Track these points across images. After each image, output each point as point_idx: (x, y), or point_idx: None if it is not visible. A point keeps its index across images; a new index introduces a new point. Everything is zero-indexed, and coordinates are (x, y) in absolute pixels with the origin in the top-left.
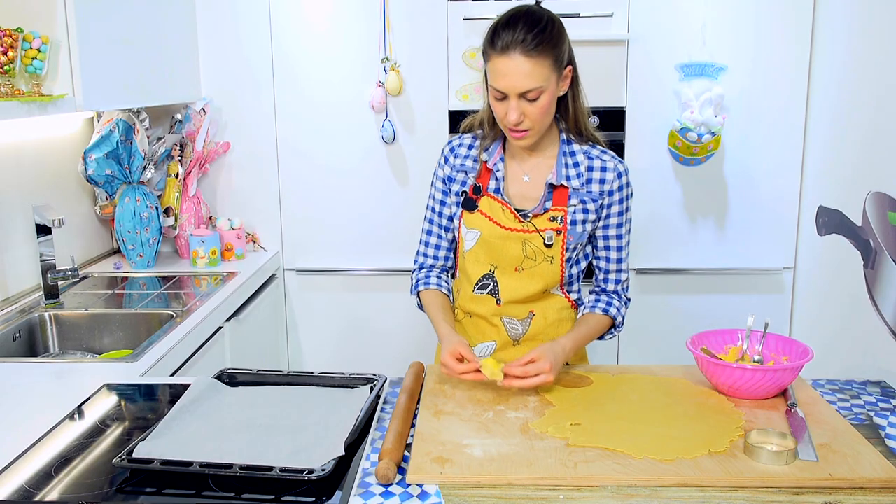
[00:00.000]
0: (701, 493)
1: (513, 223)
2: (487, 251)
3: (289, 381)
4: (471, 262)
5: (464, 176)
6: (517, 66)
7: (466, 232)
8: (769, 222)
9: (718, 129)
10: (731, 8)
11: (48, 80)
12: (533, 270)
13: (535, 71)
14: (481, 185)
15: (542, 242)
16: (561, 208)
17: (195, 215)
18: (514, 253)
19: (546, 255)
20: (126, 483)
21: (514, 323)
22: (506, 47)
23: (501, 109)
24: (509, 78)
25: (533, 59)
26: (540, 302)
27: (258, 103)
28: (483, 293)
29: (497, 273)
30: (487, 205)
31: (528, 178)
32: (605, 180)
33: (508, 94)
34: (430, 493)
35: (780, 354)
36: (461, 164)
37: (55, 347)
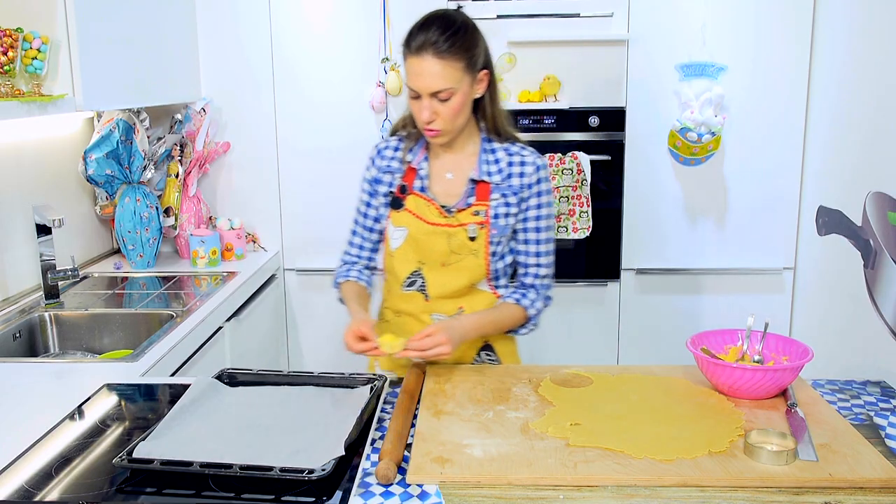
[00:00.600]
0: (701, 493)
1: (438, 218)
2: (415, 248)
3: (289, 381)
4: (399, 260)
5: (390, 177)
6: (429, 67)
7: (394, 230)
8: (769, 222)
9: (718, 129)
10: (731, 8)
11: (48, 80)
12: (459, 265)
13: (445, 72)
14: (407, 185)
15: (466, 236)
16: (484, 203)
17: (195, 215)
18: (439, 248)
19: (471, 249)
20: (126, 483)
21: (444, 319)
22: (419, 48)
23: (416, 108)
24: (422, 78)
25: (444, 60)
26: (468, 297)
27: (258, 103)
28: (411, 290)
29: (424, 269)
30: (414, 203)
31: (452, 175)
32: (524, 174)
33: (421, 94)
34: (430, 493)
35: (780, 354)
36: (387, 166)
37: (55, 347)
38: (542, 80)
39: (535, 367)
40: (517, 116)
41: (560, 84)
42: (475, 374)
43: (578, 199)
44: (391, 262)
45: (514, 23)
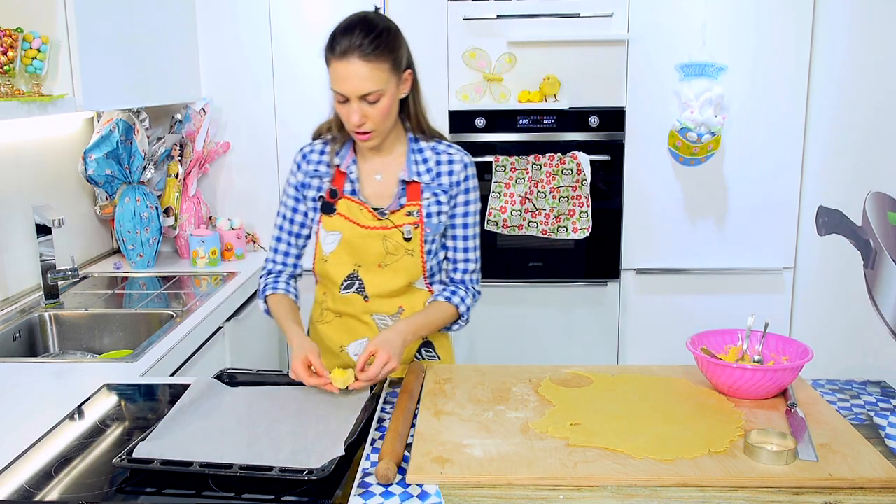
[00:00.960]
0: (701, 493)
1: (371, 221)
2: (350, 251)
3: (289, 382)
4: (333, 265)
5: (318, 181)
6: (356, 70)
7: (326, 235)
8: (769, 222)
9: (718, 129)
10: (731, 8)
11: (48, 80)
12: (395, 265)
13: (373, 74)
14: (337, 189)
15: (401, 237)
16: (416, 203)
17: (195, 215)
18: (375, 250)
19: (406, 249)
20: (126, 483)
21: (385, 319)
22: (344, 52)
23: (344, 112)
24: (349, 81)
25: (371, 63)
26: (406, 296)
27: (258, 103)
28: (350, 292)
29: (361, 272)
30: (345, 206)
31: (381, 177)
32: (452, 172)
33: (349, 98)
34: (430, 493)
35: (780, 354)
36: (314, 171)
37: (55, 347)
38: (542, 80)
39: (535, 367)
40: (517, 116)
41: (560, 84)
42: (475, 374)
43: (578, 199)
44: (325, 267)
45: (514, 23)
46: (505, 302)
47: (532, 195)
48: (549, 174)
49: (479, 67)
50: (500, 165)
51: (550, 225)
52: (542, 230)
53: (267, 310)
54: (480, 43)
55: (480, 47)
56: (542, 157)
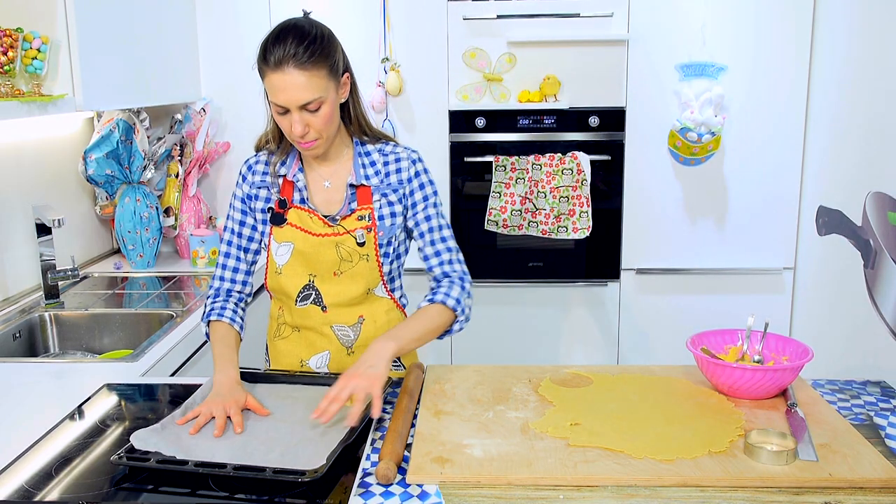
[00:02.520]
0: (701, 493)
1: (323, 229)
2: (303, 261)
3: (288, 382)
4: (287, 277)
5: (266, 192)
6: (293, 80)
7: (278, 247)
8: (769, 222)
9: (718, 129)
10: (731, 8)
11: (48, 80)
12: (351, 272)
13: (311, 83)
14: (286, 199)
15: (354, 243)
16: (367, 206)
17: (195, 215)
18: (329, 258)
19: (361, 255)
20: (124, 481)
21: (346, 330)
22: (279, 62)
23: (286, 123)
24: (288, 92)
25: (308, 71)
26: (366, 305)
27: (258, 103)
28: (307, 304)
29: (317, 281)
30: (296, 216)
31: (329, 183)
32: (400, 170)
33: (290, 108)
34: (430, 493)
35: (780, 354)
36: (261, 181)
37: (55, 347)
38: (542, 80)
39: (535, 367)
40: (517, 116)
41: (560, 84)
42: (475, 374)
43: (578, 199)
44: (279, 280)
45: (514, 23)
46: (505, 302)
47: (532, 195)
48: (549, 174)
49: (479, 67)
50: (500, 165)
51: (550, 225)
52: (542, 230)
53: (207, 333)
54: (480, 43)
55: (480, 47)
56: (542, 157)
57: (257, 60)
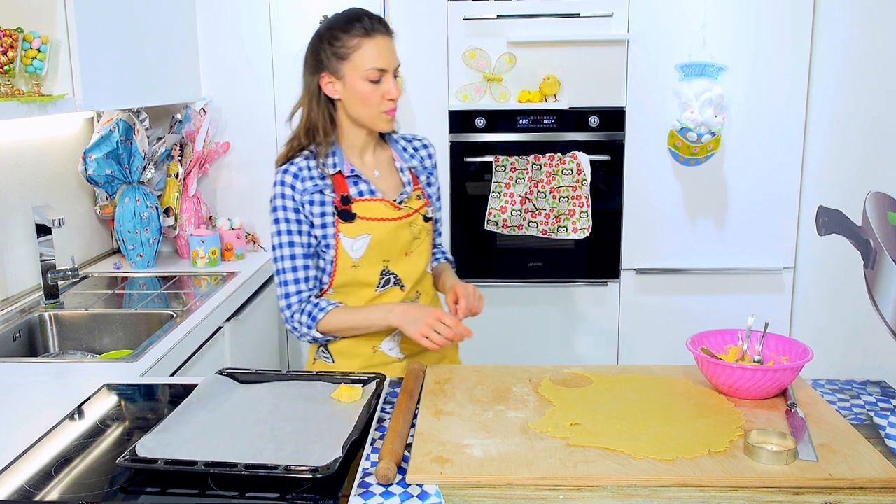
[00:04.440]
0: (701, 493)
1: (396, 213)
2: (380, 250)
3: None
4: (364, 268)
5: (321, 196)
6: (389, 44)
7: (352, 242)
8: (769, 222)
9: (718, 129)
10: (731, 8)
11: (48, 80)
12: (418, 250)
13: (395, 49)
14: (347, 195)
15: (422, 220)
16: (418, 186)
17: (195, 215)
18: (404, 239)
19: (428, 230)
20: (129, 482)
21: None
22: (373, 29)
23: (379, 92)
24: (389, 52)
25: (392, 39)
26: (422, 282)
27: (258, 103)
28: (387, 288)
29: (391, 265)
30: (363, 208)
31: (379, 172)
32: (431, 155)
33: (388, 69)
34: (430, 493)
35: (780, 354)
36: (314, 186)
37: (55, 347)
38: (542, 80)
39: (535, 367)
40: (517, 116)
41: (560, 84)
42: (475, 374)
43: (578, 199)
44: (355, 274)
45: (514, 23)
46: (505, 302)
47: (532, 195)
48: (549, 174)
49: (479, 67)
50: (500, 165)
51: (550, 225)
52: (542, 230)
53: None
54: (480, 43)
55: (480, 47)
56: (542, 157)
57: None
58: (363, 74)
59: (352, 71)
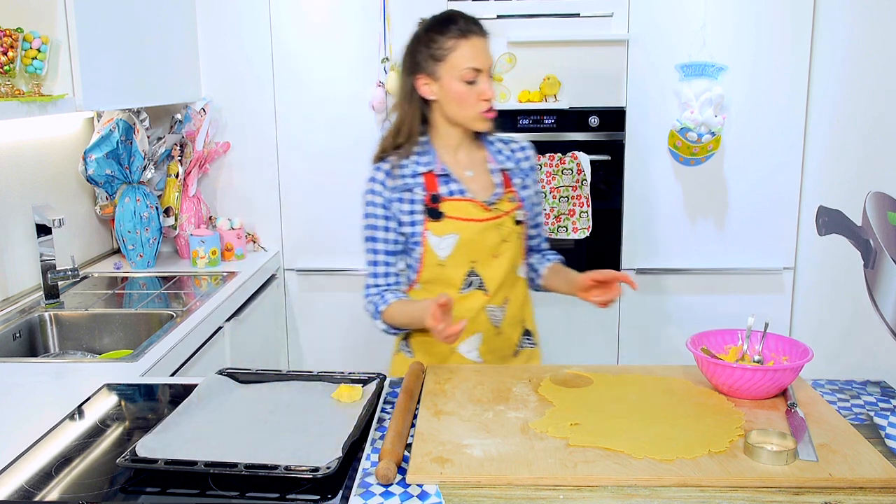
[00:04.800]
0: (701, 493)
1: (484, 214)
2: (467, 250)
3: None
4: (451, 267)
5: (410, 194)
6: (483, 44)
7: (440, 240)
8: (769, 222)
9: (718, 129)
10: (731, 8)
11: (48, 80)
12: (507, 254)
13: (490, 49)
14: (437, 194)
15: (512, 222)
16: (511, 189)
17: (195, 215)
18: (492, 241)
19: (518, 233)
20: (129, 482)
21: (495, 310)
22: (468, 30)
23: (474, 93)
24: (484, 53)
25: (487, 38)
26: (511, 285)
27: (258, 103)
28: (470, 290)
29: (477, 267)
30: (452, 207)
31: (472, 172)
32: (528, 157)
33: (483, 70)
34: (430, 493)
35: (780, 354)
36: (404, 184)
37: (55, 347)
38: (542, 80)
39: (535, 367)
40: (517, 116)
41: (560, 84)
42: (475, 374)
43: (578, 199)
44: (442, 272)
45: (514, 23)
46: None
47: None
48: (549, 174)
49: None
50: None
51: (550, 225)
52: None
53: (387, 327)
54: None
55: None
56: (542, 157)
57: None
58: (459, 75)
59: (448, 72)
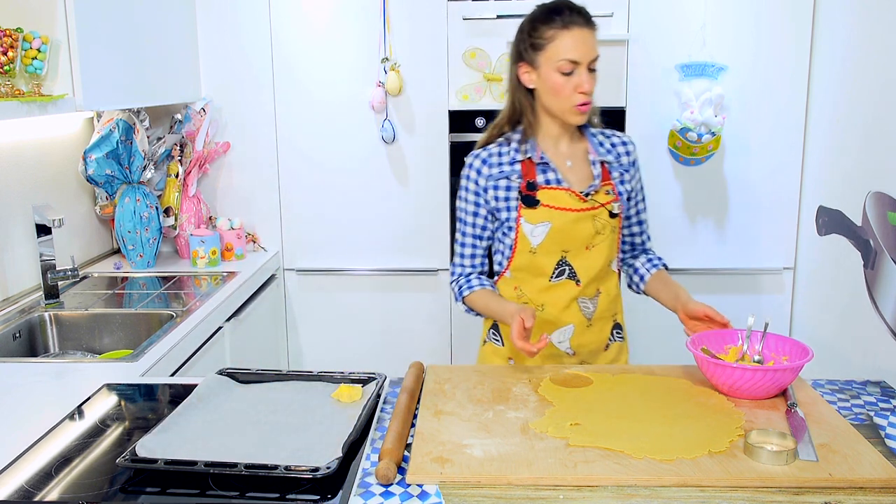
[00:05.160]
0: (701, 493)
1: (580, 204)
2: (558, 239)
3: (280, 379)
4: (542, 255)
5: (507, 181)
6: (585, 36)
7: (533, 228)
8: (769, 222)
9: (718, 129)
10: (731, 8)
11: (48, 80)
12: (601, 246)
13: (594, 41)
14: (533, 181)
15: (608, 215)
16: (609, 182)
17: (195, 215)
18: (585, 232)
19: (612, 227)
20: (129, 482)
21: (587, 303)
22: (571, 21)
23: (570, 85)
24: (583, 47)
25: (592, 31)
26: (603, 278)
27: (258, 103)
28: (561, 279)
29: (569, 257)
30: (548, 196)
31: (571, 163)
32: (629, 153)
33: (581, 63)
34: (430, 493)
35: (781, 354)
36: (500, 172)
37: (55, 347)
38: None
39: (535, 367)
40: None
41: None
42: (475, 374)
43: None
44: (533, 259)
45: (514, 23)
46: None
47: None
48: None
49: (479, 67)
50: None
51: None
52: None
53: (468, 309)
54: (480, 43)
55: (480, 47)
56: None
57: (538, 30)
58: (556, 66)
59: (546, 62)
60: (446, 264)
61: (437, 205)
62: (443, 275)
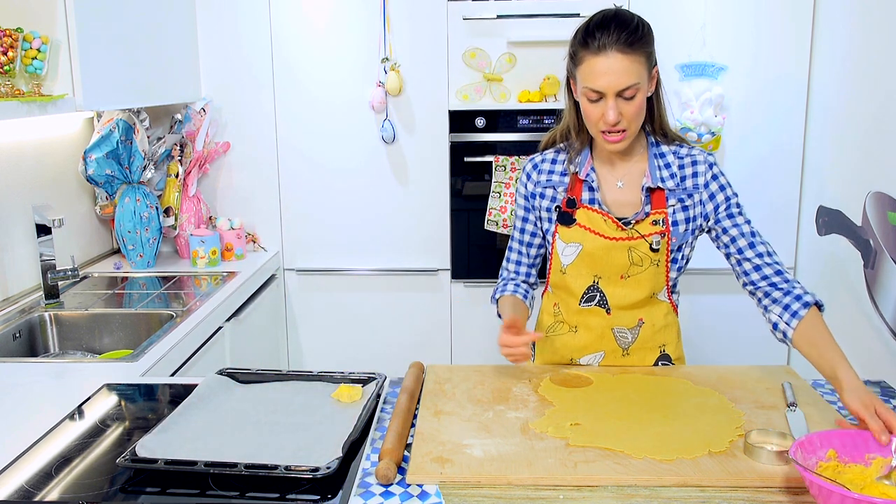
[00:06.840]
0: (701, 493)
1: (616, 232)
2: (590, 263)
3: (280, 379)
4: (572, 276)
5: (552, 191)
6: (614, 64)
7: (564, 247)
8: (769, 222)
9: (718, 129)
10: (731, 8)
11: (48, 80)
12: (639, 277)
13: (631, 68)
14: (575, 198)
15: (648, 248)
16: (661, 210)
17: (195, 215)
18: (619, 262)
19: (653, 260)
20: (129, 482)
21: (625, 332)
22: (602, 47)
23: (597, 112)
24: (609, 76)
25: (629, 56)
26: (647, 308)
27: (258, 103)
28: (591, 305)
29: (602, 283)
30: (585, 217)
31: (622, 184)
32: (697, 174)
33: (606, 94)
34: (430, 493)
35: None
36: (547, 180)
37: (55, 347)
38: (542, 80)
39: (535, 367)
40: (517, 116)
41: (560, 84)
42: (475, 374)
43: None
44: (563, 280)
45: (514, 23)
46: None
47: None
48: None
49: (479, 67)
50: (500, 165)
51: None
52: None
53: (498, 314)
54: (480, 43)
55: (480, 47)
56: None
57: (575, 46)
58: (583, 90)
59: (580, 81)
60: (446, 264)
61: (437, 205)
62: (443, 275)
